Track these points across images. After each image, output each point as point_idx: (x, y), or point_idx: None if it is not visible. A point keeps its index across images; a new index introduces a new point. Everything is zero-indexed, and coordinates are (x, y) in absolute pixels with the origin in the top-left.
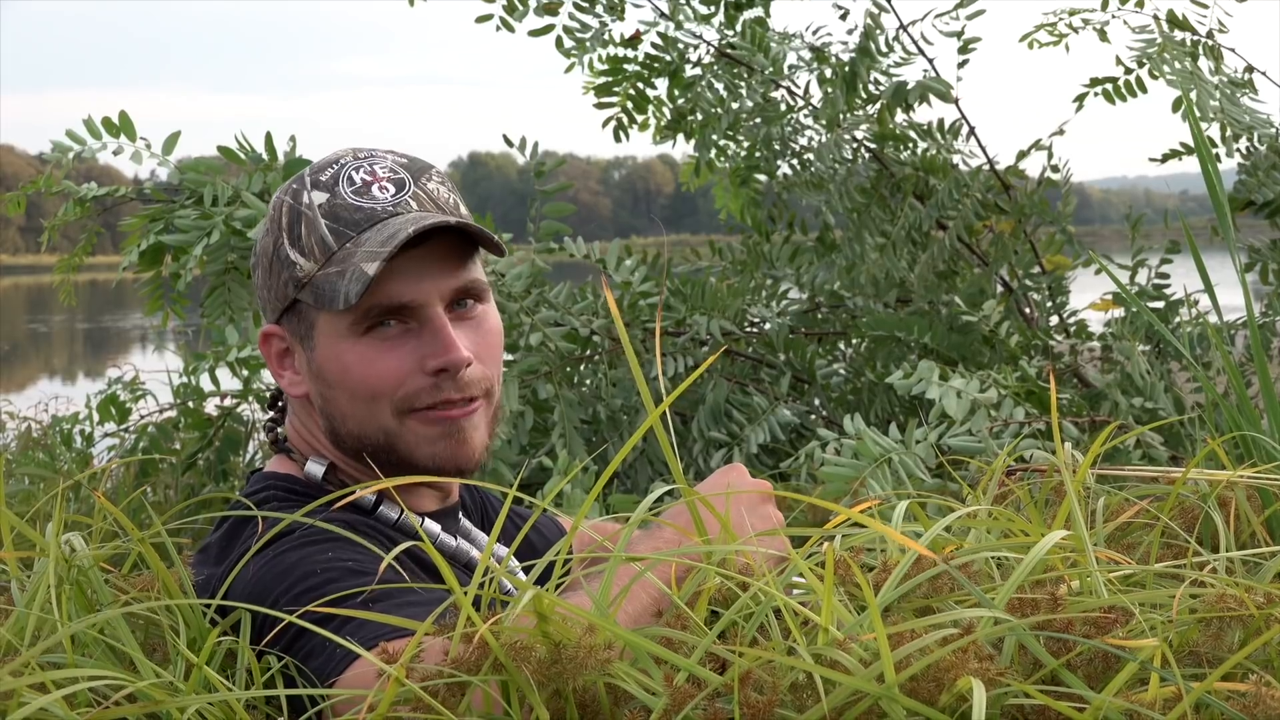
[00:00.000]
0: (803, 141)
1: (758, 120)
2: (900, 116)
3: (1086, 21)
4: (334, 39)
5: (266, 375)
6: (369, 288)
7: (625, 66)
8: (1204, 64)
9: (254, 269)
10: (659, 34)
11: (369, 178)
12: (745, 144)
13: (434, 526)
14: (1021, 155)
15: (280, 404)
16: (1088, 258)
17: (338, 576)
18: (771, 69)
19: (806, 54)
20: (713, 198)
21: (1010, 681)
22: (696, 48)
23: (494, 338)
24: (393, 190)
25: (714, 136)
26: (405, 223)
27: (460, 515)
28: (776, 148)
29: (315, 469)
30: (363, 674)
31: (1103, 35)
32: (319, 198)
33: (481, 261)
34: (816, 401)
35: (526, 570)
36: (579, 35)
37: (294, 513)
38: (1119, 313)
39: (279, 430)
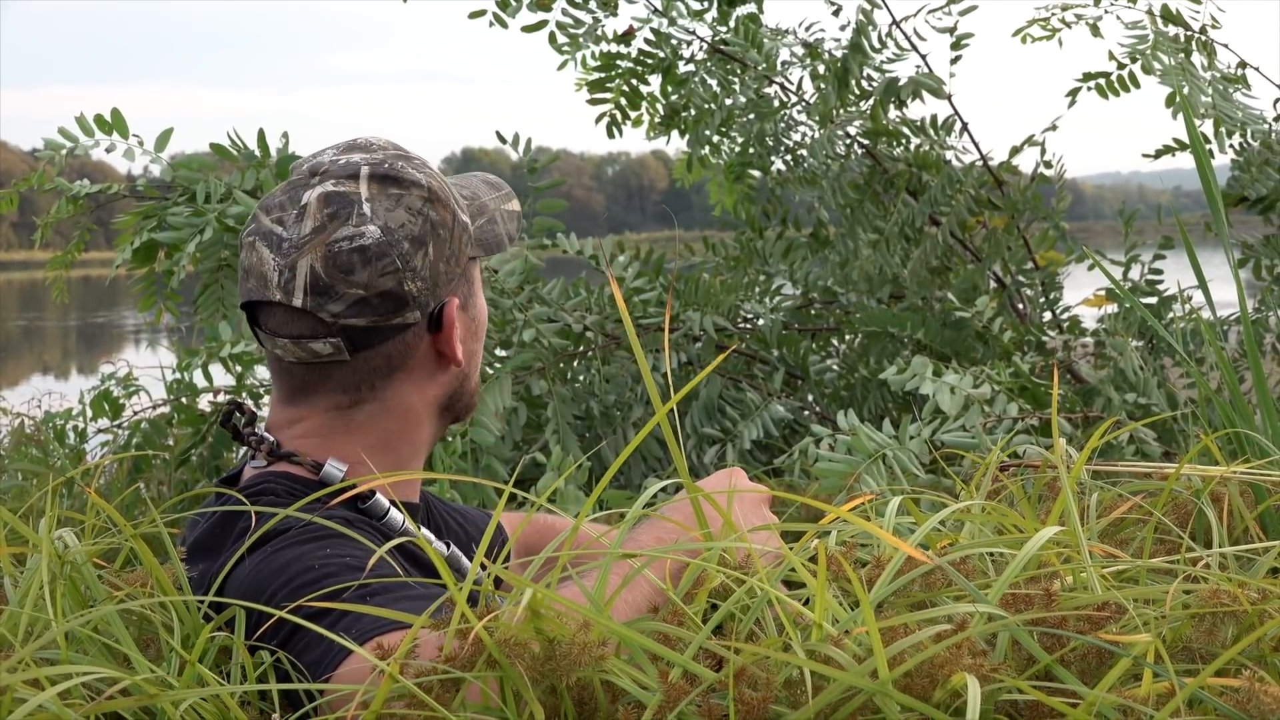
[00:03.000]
0: (796, 137)
1: (751, 116)
2: (893, 112)
3: (1079, 17)
4: (328, 35)
5: (260, 370)
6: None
7: (618, 63)
8: (1197, 59)
9: (411, 254)
10: (652, 30)
11: None
12: (739, 140)
13: (430, 533)
14: (1014, 151)
15: (244, 417)
16: (1081, 253)
17: (336, 571)
18: (764, 65)
19: (799, 50)
20: (706, 194)
21: (1004, 677)
22: (689, 44)
23: None
24: None
25: (707, 132)
26: (470, 177)
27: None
28: (770, 144)
29: (334, 471)
30: (358, 669)
31: (1095, 30)
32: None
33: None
34: (810, 397)
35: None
36: (572, 31)
37: (293, 509)
38: (1112, 308)
39: (270, 439)
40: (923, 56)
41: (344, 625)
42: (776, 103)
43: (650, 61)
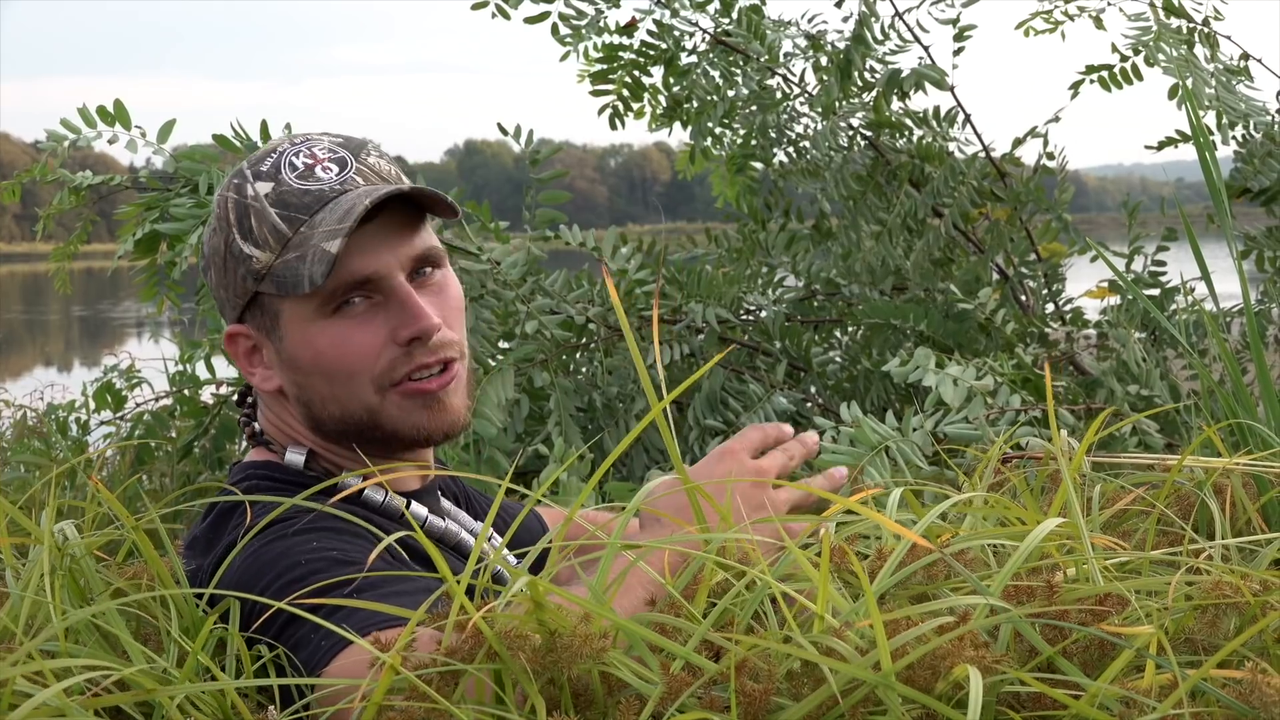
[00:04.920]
0: (798, 129)
1: (753, 108)
2: (896, 104)
3: (1082, 9)
4: (332, 27)
5: None
6: (333, 267)
7: (621, 54)
8: (1199, 51)
9: (206, 272)
10: (654, 21)
11: (310, 160)
12: (741, 132)
13: (421, 510)
14: (1017, 143)
15: (250, 400)
16: (1084, 245)
17: (322, 567)
18: (767, 56)
19: (802, 41)
20: (708, 185)
21: (1006, 669)
22: (692, 35)
23: (456, 302)
24: (336, 170)
25: (710, 124)
26: (358, 197)
27: (439, 494)
28: (772, 135)
29: (295, 458)
30: (349, 664)
31: (1098, 23)
32: (263, 188)
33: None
34: (812, 389)
35: (518, 558)
36: (574, 22)
37: (293, 503)
38: (1115, 300)
39: (255, 424)
40: (925, 48)
41: (334, 622)
42: (779, 94)
43: (652, 53)
